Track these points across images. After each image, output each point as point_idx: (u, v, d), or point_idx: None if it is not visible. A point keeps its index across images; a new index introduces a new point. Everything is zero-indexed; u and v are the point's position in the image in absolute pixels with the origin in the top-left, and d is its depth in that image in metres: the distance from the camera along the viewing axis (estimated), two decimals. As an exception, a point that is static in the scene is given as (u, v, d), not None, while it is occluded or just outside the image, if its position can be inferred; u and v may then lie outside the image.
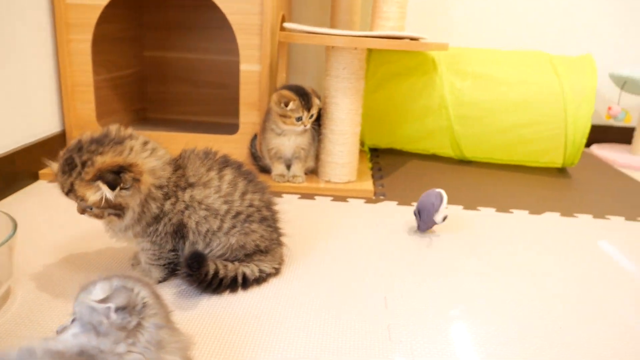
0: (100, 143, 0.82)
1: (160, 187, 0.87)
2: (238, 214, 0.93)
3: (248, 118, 1.61)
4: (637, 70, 2.18)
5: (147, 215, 0.87)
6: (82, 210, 0.84)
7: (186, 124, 2.08)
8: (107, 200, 0.81)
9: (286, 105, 1.42)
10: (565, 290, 1.02)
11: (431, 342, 0.82)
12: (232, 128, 1.69)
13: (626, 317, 0.93)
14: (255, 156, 1.62)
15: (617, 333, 0.88)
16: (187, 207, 0.90)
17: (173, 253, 0.93)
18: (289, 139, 1.49)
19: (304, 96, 1.43)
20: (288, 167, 1.55)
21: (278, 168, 1.53)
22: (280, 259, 1.03)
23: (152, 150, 0.87)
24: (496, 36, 2.27)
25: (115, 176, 0.80)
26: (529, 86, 1.76)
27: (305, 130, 1.48)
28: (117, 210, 0.84)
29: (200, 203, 0.91)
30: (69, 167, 0.81)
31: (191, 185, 0.91)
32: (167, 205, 0.88)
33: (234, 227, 0.93)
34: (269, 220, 0.98)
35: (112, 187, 0.80)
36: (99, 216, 0.85)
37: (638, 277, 1.09)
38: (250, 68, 1.57)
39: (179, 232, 0.91)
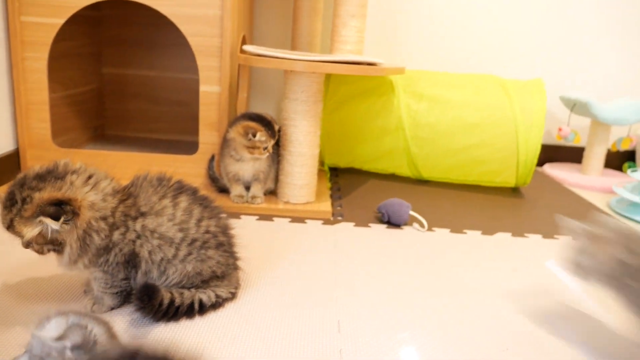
0: (42, 179, 0.83)
1: (104, 219, 0.86)
2: (194, 241, 0.93)
3: (207, 139, 1.62)
4: (585, 94, 2.29)
5: (91, 248, 0.86)
6: (26, 245, 0.84)
7: (145, 141, 2.07)
8: (43, 236, 0.81)
9: (254, 136, 1.43)
10: (509, 311, 1.06)
11: (383, 366, 0.84)
12: (191, 145, 1.70)
13: (567, 338, 0.98)
14: (213, 177, 1.62)
15: (556, 355, 0.92)
16: (138, 237, 0.90)
17: (125, 281, 0.93)
18: (247, 164, 1.50)
19: (268, 125, 1.46)
20: (247, 188, 1.55)
21: (237, 189, 1.54)
22: (236, 282, 1.03)
23: (95, 185, 0.87)
24: (451, 59, 2.34)
25: (57, 208, 0.80)
26: (481, 109, 1.82)
27: (258, 158, 1.49)
28: (55, 246, 0.83)
29: (153, 232, 0.90)
30: (10, 202, 0.81)
31: (143, 215, 0.91)
32: (116, 236, 0.88)
33: (189, 254, 0.93)
34: (225, 245, 0.99)
35: (56, 218, 0.80)
36: (39, 252, 0.84)
37: (582, 298, 1.14)
38: (210, 89, 1.58)
39: (131, 261, 0.91)
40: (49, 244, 0.83)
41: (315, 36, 2.03)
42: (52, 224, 0.80)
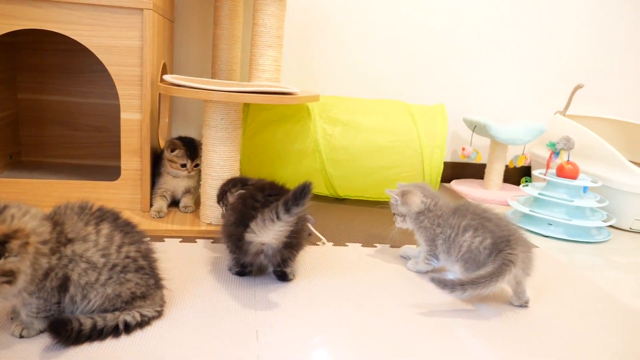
0: None
1: (45, 243, 0.91)
2: (114, 266, 0.98)
3: (130, 165, 1.66)
4: (484, 116, 2.52)
5: (38, 273, 0.90)
6: None
7: (65, 167, 2.06)
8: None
9: (172, 151, 1.66)
10: (408, 314, 1.19)
11: (297, 370, 0.94)
12: (113, 171, 1.73)
13: (456, 332, 1.11)
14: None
15: (447, 346, 1.06)
16: (70, 261, 0.95)
17: (57, 305, 0.97)
18: (183, 181, 1.74)
19: (191, 148, 1.69)
20: (177, 202, 1.75)
21: (157, 205, 1.68)
22: (161, 301, 1.09)
23: (26, 211, 0.91)
24: (362, 86, 2.51)
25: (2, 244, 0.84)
26: (390, 133, 1.98)
27: (191, 175, 1.72)
28: (8, 277, 0.86)
29: (81, 256, 0.96)
30: None
31: (71, 241, 0.96)
32: (54, 260, 0.93)
33: (110, 278, 0.98)
34: (146, 268, 1.04)
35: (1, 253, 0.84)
36: None
37: (479, 304, 1.30)
38: (131, 117, 1.63)
39: (64, 285, 0.95)
40: (2, 276, 0.86)
41: (234, 63, 2.11)
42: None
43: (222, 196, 1.44)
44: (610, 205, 2.10)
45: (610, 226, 2.12)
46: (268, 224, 1.11)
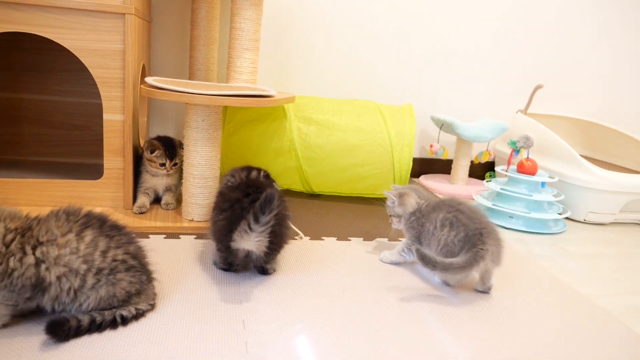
0: None
1: None
2: (100, 270, 1.04)
3: (113, 164, 1.72)
4: (450, 115, 2.64)
5: None
6: None
7: (42, 165, 2.09)
8: None
9: (152, 152, 1.72)
10: (382, 301, 1.29)
11: (281, 352, 1.03)
12: (92, 168, 1.78)
13: (425, 317, 1.22)
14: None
15: (418, 331, 1.17)
16: (42, 262, 1.00)
17: (29, 300, 1.02)
18: (162, 179, 1.80)
19: (170, 148, 1.75)
20: (159, 200, 1.81)
21: (140, 201, 1.76)
22: (153, 295, 1.17)
23: None
24: (335, 86, 2.60)
25: None
26: (362, 132, 2.08)
27: (170, 174, 1.78)
28: None
29: (56, 261, 1.00)
30: None
31: (41, 244, 1.01)
32: (12, 262, 0.98)
33: (98, 281, 1.03)
34: (136, 267, 1.10)
35: None
36: None
37: (441, 289, 1.41)
38: (114, 118, 1.68)
39: (38, 285, 1.00)
40: None
41: (212, 64, 2.18)
42: None
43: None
44: (566, 199, 2.26)
45: (566, 218, 2.27)
46: (244, 235, 1.20)
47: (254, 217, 1.18)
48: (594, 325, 1.30)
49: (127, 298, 1.09)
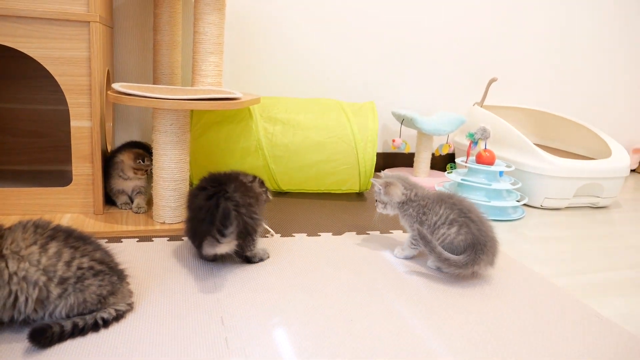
0: None
1: None
2: (65, 279, 1.06)
3: (81, 170, 1.73)
4: (410, 110, 2.73)
5: None
6: None
7: (4, 173, 2.08)
8: None
9: (143, 161, 1.81)
10: (353, 293, 1.36)
11: (261, 345, 1.08)
12: (56, 175, 1.79)
13: (396, 305, 1.30)
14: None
15: (392, 320, 1.24)
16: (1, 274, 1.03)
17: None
18: (132, 182, 1.86)
19: (150, 152, 1.81)
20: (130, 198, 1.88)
21: (122, 199, 1.86)
22: (129, 292, 1.21)
23: None
24: (299, 86, 2.65)
25: None
26: (326, 130, 2.14)
27: (140, 177, 1.86)
28: None
29: (16, 273, 1.03)
30: None
31: (3, 257, 1.03)
32: None
33: (65, 291, 1.06)
34: (104, 271, 1.13)
35: None
36: None
37: (409, 277, 1.49)
38: (81, 124, 1.70)
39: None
40: None
41: (176, 67, 2.20)
42: None
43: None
44: (524, 187, 2.37)
45: (525, 205, 2.39)
46: (215, 245, 1.30)
47: (218, 232, 1.28)
48: (550, 302, 1.39)
49: (102, 300, 1.12)
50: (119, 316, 1.14)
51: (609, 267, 1.71)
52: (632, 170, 3.47)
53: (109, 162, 1.85)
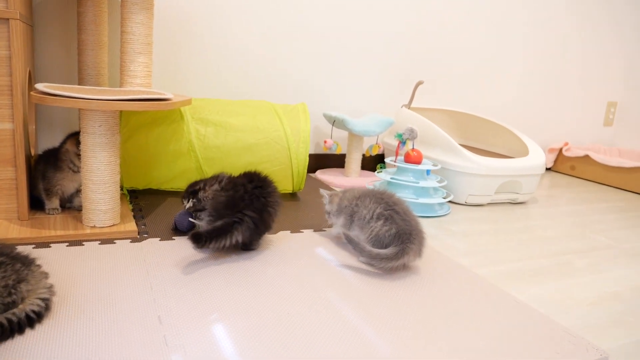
0: None
1: None
2: None
3: (4, 175, 1.65)
4: (341, 112, 2.80)
5: None
6: None
7: None
8: None
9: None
10: (288, 287, 1.39)
11: (200, 339, 1.09)
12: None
13: (329, 297, 1.34)
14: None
15: (326, 312, 1.28)
16: None
17: None
18: (78, 176, 1.78)
19: None
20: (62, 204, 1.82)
21: (54, 203, 1.78)
22: (44, 275, 1.22)
23: None
24: (230, 87, 2.66)
25: None
26: (259, 131, 2.16)
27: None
28: None
29: None
30: None
31: None
32: None
33: None
34: (5, 261, 1.13)
35: None
36: None
37: (342, 271, 1.53)
38: (3, 127, 1.63)
39: None
40: None
41: (102, 68, 2.14)
42: None
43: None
44: (449, 184, 2.49)
45: (450, 201, 2.51)
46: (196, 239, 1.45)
47: (198, 239, 1.45)
48: (473, 289, 1.48)
49: (12, 290, 1.10)
50: (47, 305, 1.14)
51: (525, 257, 1.84)
52: (548, 169, 3.71)
53: (55, 157, 1.80)
